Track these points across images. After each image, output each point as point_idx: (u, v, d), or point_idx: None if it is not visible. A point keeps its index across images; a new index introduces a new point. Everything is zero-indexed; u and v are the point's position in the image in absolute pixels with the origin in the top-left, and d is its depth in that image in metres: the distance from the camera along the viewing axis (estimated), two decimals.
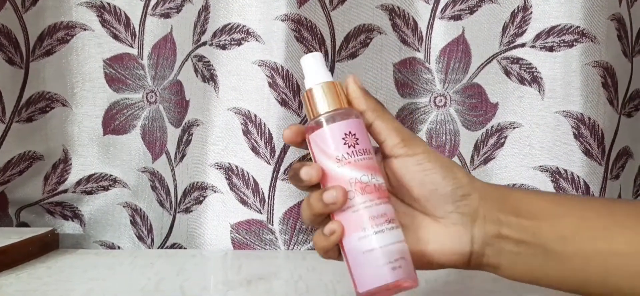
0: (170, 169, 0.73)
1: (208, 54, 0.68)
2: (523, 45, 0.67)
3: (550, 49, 0.66)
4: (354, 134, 0.40)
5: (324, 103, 0.41)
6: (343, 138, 0.40)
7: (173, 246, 0.73)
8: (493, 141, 0.70)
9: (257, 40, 0.66)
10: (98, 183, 0.76)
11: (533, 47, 0.67)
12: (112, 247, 0.77)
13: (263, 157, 0.67)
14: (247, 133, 0.67)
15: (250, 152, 0.67)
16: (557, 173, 0.66)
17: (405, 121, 0.72)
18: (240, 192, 0.67)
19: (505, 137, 0.69)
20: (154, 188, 0.76)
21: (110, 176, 0.76)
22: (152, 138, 0.76)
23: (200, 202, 0.68)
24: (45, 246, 0.67)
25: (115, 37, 0.74)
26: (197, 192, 0.69)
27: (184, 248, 0.71)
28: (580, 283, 0.41)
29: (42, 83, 0.73)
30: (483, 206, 0.41)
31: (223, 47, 0.67)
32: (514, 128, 0.68)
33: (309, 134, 0.41)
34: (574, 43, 0.65)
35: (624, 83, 0.69)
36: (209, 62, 0.68)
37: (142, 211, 0.76)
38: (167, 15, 0.74)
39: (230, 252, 0.67)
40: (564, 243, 0.40)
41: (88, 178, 0.75)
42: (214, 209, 0.68)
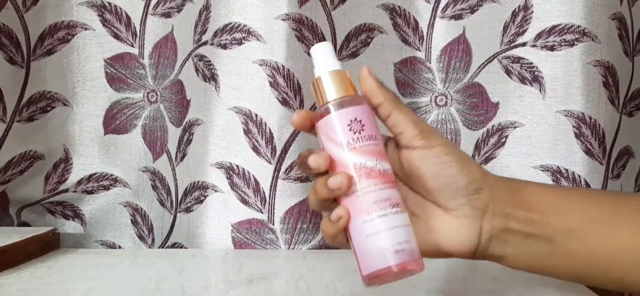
0: (171, 169, 0.73)
1: (209, 54, 0.68)
2: (524, 45, 0.67)
3: (551, 49, 0.66)
4: (360, 121, 0.40)
5: (332, 90, 0.41)
6: (349, 124, 0.40)
7: (174, 245, 0.73)
8: (494, 140, 0.70)
9: (258, 40, 0.66)
10: (99, 183, 0.76)
11: (534, 46, 0.67)
12: (112, 247, 0.77)
13: (264, 156, 0.67)
14: (248, 133, 0.67)
15: (251, 151, 0.67)
16: (558, 173, 0.66)
17: None
18: (241, 191, 0.67)
19: (506, 136, 0.69)
20: (155, 188, 0.76)
21: (111, 175, 0.76)
22: (152, 138, 0.76)
23: (201, 201, 0.68)
24: (46, 245, 0.67)
25: (116, 36, 0.74)
26: (197, 191, 0.69)
27: (185, 248, 0.71)
28: (585, 274, 0.43)
29: (43, 83, 0.73)
30: (493, 200, 0.41)
31: (224, 46, 0.67)
32: (515, 127, 0.68)
33: (317, 122, 0.41)
34: (575, 42, 0.65)
35: (625, 82, 0.69)
36: (210, 61, 0.68)
37: (142, 210, 0.76)
38: (168, 15, 0.74)
39: (231, 251, 0.67)
40: (570, 236, 0.41)
41: (89, 178, 0.76)
42: (215, 209, 0.68)
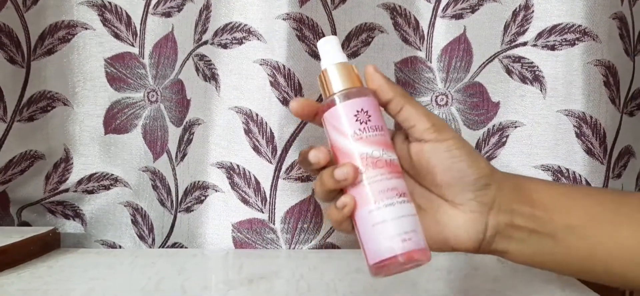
0: (171, 169, 0.73)
1: (209, 53, 0.68)
2: (525, 44, 0.67)
3: (552, 48, 0.66)
4: (366, 111, 0.41)
5: (338, 82, 0.42)
6: (355, 115, 0.40)
7: (174, 245, 0.73)
8: (495, 140, 0.70)
9: (258, 39, 0.66)
10: (99, 182, 0.76)
11: (535, 46, 0.67)
12: (113, 246, 0.77)
13: (264, 156, 0.67)
14: (248, 132, 0.67)
15: (252, 151, 0.67)
16: (558, 172, 0.66)
17: None
18: (242, 191, 0.67)
19: (507, 136, 0.69)
20: (155, 187, 0.76)
21: (112, 175, 0.76)
22: (153, 137, 0.76)
23: (202, 201, 0.68)
24: (47, 245, 0.67)
25: (117, 36, 0.74)
26: (198, 191, 0.69)
27: (185, 248, 0.71)
28: (587, 270, 0.44)
29: (43, 82, 0.73)
30: (500, 196, 0.42)
31: (224, 46, 0.67)
32: (516, 127, 0.68)
33: (323, 113, 0.42)
34: (576, 42, 0.65)
35: (626, 82, 0.68)
36: (210, 61, 0.68)
37: (143, 210, 0.76)
38: (168, 14, 0.74)
39: (232, 251, 0.67)
40: (571, 233, 0.42)
41: (89, 177, 0.76)
42: (215, 209, 0.68)
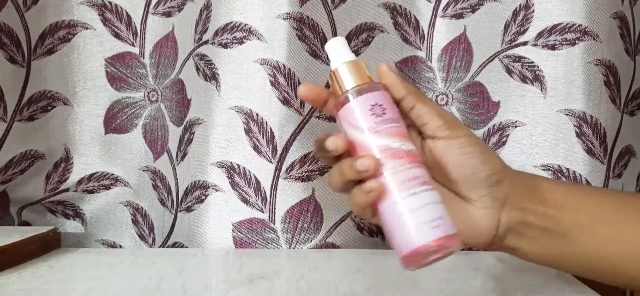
0: (172, 168, 0.73)
1: (210, 53, 0.68)
2: (525, 44, 0.67)
3: (552, 48, 0.66)
4: (381, 105, 0.41)
5: (350, 80, 0.42)
6: (370, 109, 0.41)
7: (174, 245, 0.73)
8: (495, 139, 0.70)
9: (258, 39, 0.66)
10: (99, 182, 0.76)
11: (535, 45, 0.67)
12: (113, 246, 0.77)
13: (265, 156, 0.67)
14: (248, 132, 0.67)
15: (252, 151, 0.67)
16: (559, 172, 0.66)
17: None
18: (242, 191, 0.67)
19: (507, 136, 0.69)
20: (156, 187, 0.76)
21: (112, 175, 0.76)
22: (153, 137, 0.76)
23: (202, 201, 0.68)
24: (47, 245, 0.67)
25: (117, 36, 0.74)
26: (198, 191, 0.69)
27: (186, 247, 0.71)
28: (595, 269, 0.44)
29: (43, 82, 0.73)
30: (512, 193, 0.42)
31: (225, 45, 0.67)
32: (516, 127, 0.68)
33: (338, 111, 0.42)
34: (576, 41, 0.65)
35: (627, 81, 0.68)
36: (211, 60, 0.68)
37: (143, 210, 0.76)
38: (168, 14, 0.74)
39: (232, 251, 0.67)
40: (581, 232, 0.43)
41: (89, 177, 0.76)
42: (216, 208, 0.68)
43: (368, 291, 0.52)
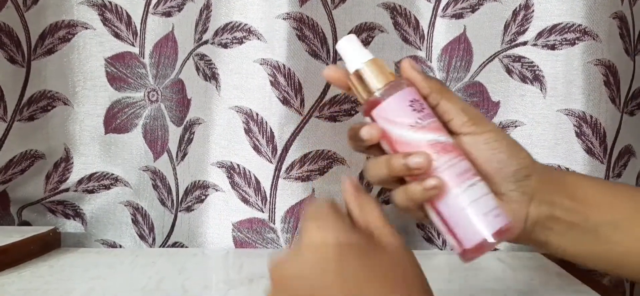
0: (172, 168, 0.73)
1: (209, 53, 0.68)
2: (525, 44, 0.67)
3: (552, 48, 0.66)
4: (418, 100, 0.40)
5: (380, 78, 0.41)
6: (410, 105, 0.40)
7: (174, 245, 0.73)
8: None
9: (258, 39, 0.66)
10: (99, 182, 0.76)
11: (535, 45, 0.67)
12: (113, 246, 0.77)
13: (265, 155, 0.67)
14: (248, 132, 0.67)
15: (252, 150, 0.67)
16: None
17: None
18: (242, 191, 0.67)
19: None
20: (156, 187, 0.76)
21: (112, 174, 0.76)
22: (153, 137, 0.76)
23: (202, 201, 0.68)
24: (47, 245, 0.67)
25: (117, 35, 0.74)
26: (198, 191, 0.69)
27: (186, 247, 0.71)
28: (624, 265, 0.44)
29: (43, 82, 0.73)
30: (540, 187, 0.42)
31: (224, 45, 0.67)
32: (516, 127, 0.68)
33: (371, 110, 0.41)
34: (576, 41, 0.65)
35: (626, 81, 0.68)
36: (211, 60, 0.68)
37: (143, 209, 0.76)
38: (168, 14, 0.74)
39: (232, 251, 0.67)
40: (614, 228, 0.42)
41: (89, 177, 0.76)
42: (216, 208, 0.68)
43: None
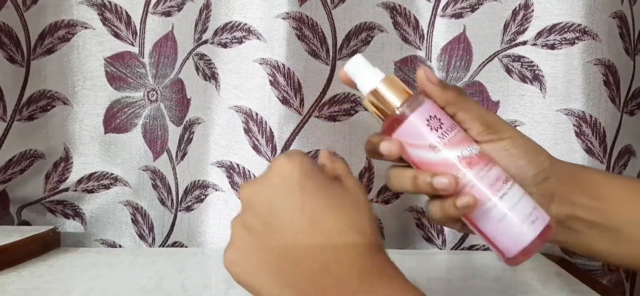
0: (172, 168, 0.73)
1: (209, 53, 0.68)
2: (524, 43, 0.67)
3: (552, 47, 0.66)
4: (435, 116, 0.40)
5: (394, 97, 0.40)
6: (427, 123, 0.39)
7: (174, 244, 0.73)
8: None
9: (258, 39, 0.66)
10: (99, 182, 0.76)
11: (534, 45, 0.67)
12: (113, 245, 0.77)
13: (264, 155, 0.67)
14: (248, 131, 0.67)
15: (252, 150, 0.67)
16: None
17: None
18: None
19: None
20: (155, 187, 0.76)
21: (112, 174, 0.76)
22: (153, 137, 0.76)
23: (202, 200, 0.68)
24: (47, 244, 0.67)
25: (116, 35, 0.74)
26: (198, 190, 0.69)
27: (185, 247, 0.71)
28: None
29: (43, 81, 0.73)
30: (561, 188, 0.42)
31: (224, 45, 0.67)
32: (516, 126, 0.68)
33: (392, 132, 0.40)
34: (576, 41, 0.65)
35: (626, 81, 0.68)
36: (210, 60, 0.68)
37: (143, 209, 0.76)
38: (168, 14, 0.74)
39: None
40: (638, 227, 0.42)
41: (89, 177, 0.75)
42: (215, 208, 0.68)
43: None
